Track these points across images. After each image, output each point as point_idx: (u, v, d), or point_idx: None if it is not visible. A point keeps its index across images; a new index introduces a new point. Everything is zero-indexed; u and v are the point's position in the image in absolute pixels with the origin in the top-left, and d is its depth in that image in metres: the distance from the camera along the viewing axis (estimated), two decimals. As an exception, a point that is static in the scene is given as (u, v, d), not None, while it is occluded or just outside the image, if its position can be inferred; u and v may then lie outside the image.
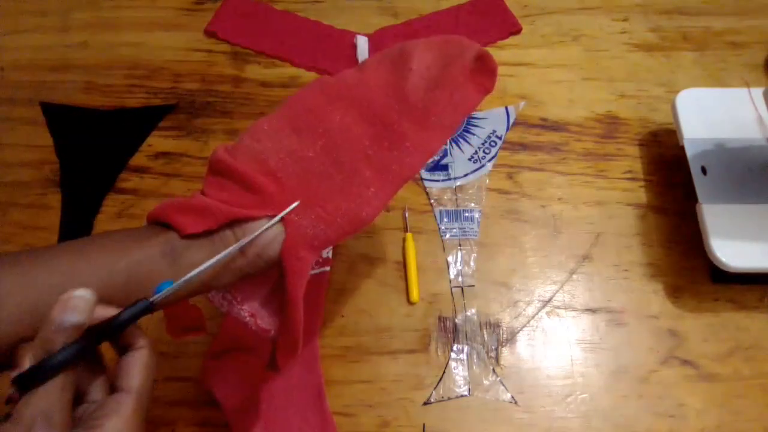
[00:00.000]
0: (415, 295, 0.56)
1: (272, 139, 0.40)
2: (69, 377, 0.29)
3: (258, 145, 0.39)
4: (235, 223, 0.38)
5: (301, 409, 0.51)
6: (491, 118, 0.65)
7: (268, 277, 0.41)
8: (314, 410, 0.51)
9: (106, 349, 0.33)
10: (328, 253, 0.56)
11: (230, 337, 0.54)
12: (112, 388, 0.31)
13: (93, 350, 0.30)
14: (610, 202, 0.61)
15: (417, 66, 0.41)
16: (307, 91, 0.42)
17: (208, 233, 0.37)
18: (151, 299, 0.32)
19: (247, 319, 0.41)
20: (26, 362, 0.29)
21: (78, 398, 0.31)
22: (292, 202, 0.38)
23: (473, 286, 0.57)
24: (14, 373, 0.29)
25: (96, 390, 0.32)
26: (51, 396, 0.28)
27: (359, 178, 0.39)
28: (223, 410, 0.51)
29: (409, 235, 0.58)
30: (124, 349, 0.32)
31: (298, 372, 0.53)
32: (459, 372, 0.53)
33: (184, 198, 0.38)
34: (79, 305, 0.29)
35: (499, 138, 0.64)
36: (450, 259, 0.58)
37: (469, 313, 0.56)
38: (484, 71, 0.43)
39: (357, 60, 0.68)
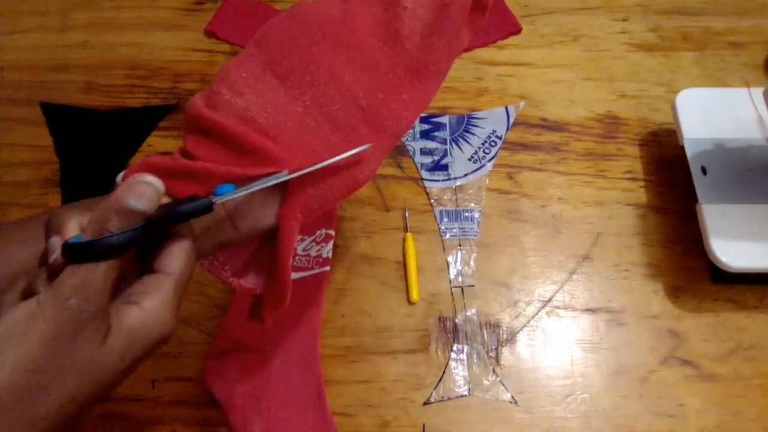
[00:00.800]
0: (415, 295, 0.56)
1: (255, 92, 0.36)
2: (118, 262, 0.28)
3: (240, 101, 0.35)
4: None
5: (301, 409, 0.51)
6: (491, 118, 0.65)
7: (251, 240, 0.38)
8: (314, 410, 0.51)
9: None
10: (328, 253, 0.56)
11: (230, 337, 0.54)
12: (152, 270, 0.30)
13: (146, 239, 0.29)
14: (610, 202, 0.61)
15: (412, 4, 0.37)
16: (283, 22, 0.37)
17: None
18: (213, 199, 0.30)
19: (230, 279, 0.38)
20: (70, 230, 0.28)
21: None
22: (293, 162, 0.34)
23: (473, 286, 0.57)
24: (56, 238, 0.28)
25: (133, 275, 0.31)
26: (97, 274, 0.27)
27: (355, 135, 0.36)
28: (223, 410, 0.51)
29: (409, 235, 0.58)
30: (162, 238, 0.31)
31: (298, 372, 0.53)
32: (459, 372, 0.53)
33: (163, 158, 0.33)
34: (147, 192, 0.28)
35: (499, 138, 0.64)
36: (450, 259, 0.58)
37: (469, 313, 0.56)
38: (478, 8, 0.39)
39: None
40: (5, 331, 0.26)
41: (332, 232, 0.53)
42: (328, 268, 0.55)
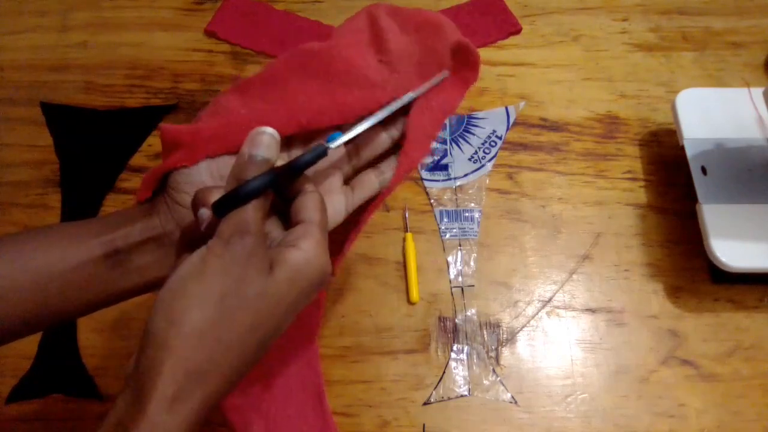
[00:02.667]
0: (415, 295, 0.56)
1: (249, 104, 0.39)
2: (261, 202, 0.31)
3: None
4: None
5: (301, 409, 0.51)
6: (491, 118, 0.65)
7: None
8: (314, 410, 0.51)
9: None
10: None
11: None
12: (293, 224, 0.33)
13: (277, 189, 0.33)
14: (610, 202, 0.61)
15: (392, 59, 0.40)
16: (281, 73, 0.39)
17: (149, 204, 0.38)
18: (326, 145, 0.34)
19: None
20: (212, 198, 0.31)
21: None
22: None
23: (473, 286, 0.57)
24: (203, 209, 0.32)
25: (275, 231, 0.34)
26: (246, 213, 0.30)
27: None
28: (223, 410, 0.51)
29: (409, 235, 0.58)
30: (293, 198, 0.34)
31: (298, 372, 0.53)
32: (459, 372, 0.53)
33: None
34: (265, 141, 0.32)
35: (499, 138, 0.64)
36: (450, 259, 0.58)
37: (469, 313, 0.56)
38: (466, 64, 0.40)
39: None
40: (186, 272, 0.30)
41: None
42: None
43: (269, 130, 0.32)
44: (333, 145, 0.34)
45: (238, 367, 0.30)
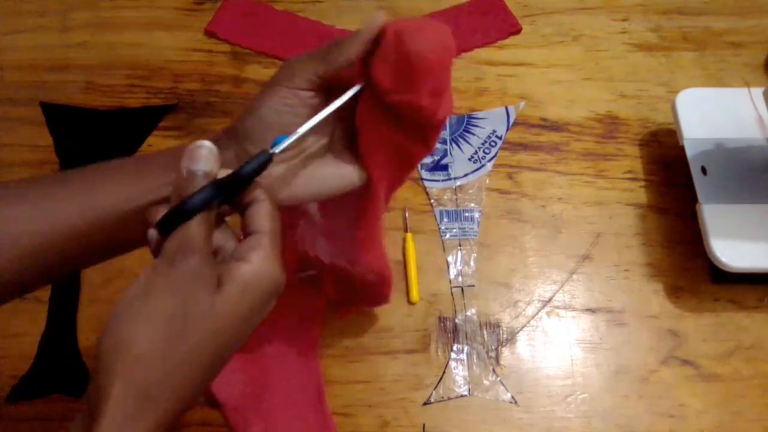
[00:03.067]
0: (415, 295, 0.56)
1: None
2: (205, 217, 0.31)
3: None
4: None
5: (301, 410, 0.52)
6: (491, 118, 0.65)
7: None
8: (314, 411, 0.51)
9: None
10: None
11: None
12: (245, 235, 0.33)
13: (223, 201, 0.32)
14: (610, 202, 0.61)
15: None
16: None
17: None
18: (270, 151, 0.33)
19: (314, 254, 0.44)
20: (157, 217, 0.31)
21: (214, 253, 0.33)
22: None
23: (473, 286, 0.57)
24: (151, 230, 0.32)
25: (229, 243, 0.34)
26: (190, 230, 0.30)
27: None
28: (223, 410, 0.51)
29: (409, 235, 0.58)
30: (244, 210, 0.34)
31: (298, 373, 0.53)
32: (459, 372, 0.53)
33: None
34: (203, 154, 0.32)
35: (499, 138, 0.64)
36: (450, 259, 0.58)
37: (469, 313, 0.56)
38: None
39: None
40: (132, 294, 0.30)
41: None
42: None
43: (206, 143, 0.32)
44: (278, 149, 0.33)
45: (191, 385, 0.30)
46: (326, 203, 0.45)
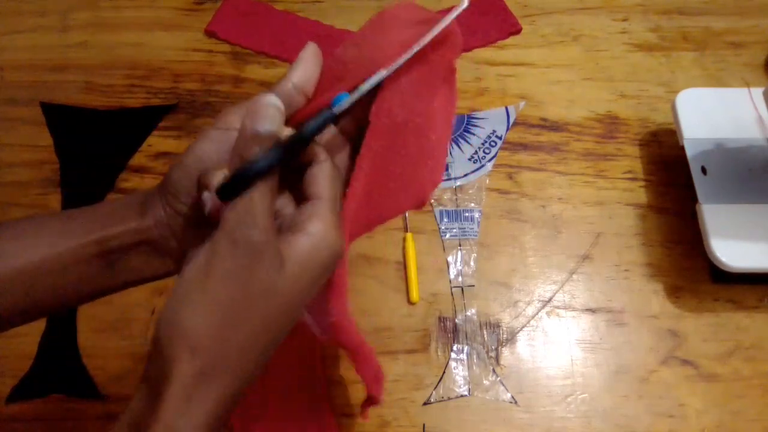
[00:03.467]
0: (415, 295, 0.56)
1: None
2: (269, 184, 0.29)
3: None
4: None
5: (301, 410, 0.52)
6: (491, 118, 0.65)
7: None
8: (315, 411, 0.51)
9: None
10: None
11: None
12: (304, 199, 0.32)
13: (285, 164, 0.30)
14: (610, 202, 0.61)
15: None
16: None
17: None
18: (333, 110, 0.31)
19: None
20: (217, 179, 0.30)
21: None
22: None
23: (473, 286, 0.57)
24: (206, 193, 0.30)
25: (287, 207, 0.33)
26: (253, 200, 0.28)
27: None
28: None
29: (409, 234, 0.58)
30: (304, 168, 0.33)
31: (298, 374, 0.53)
32: (459, 372, 0.53)
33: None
34: (269, 113, 0.30)
35: (499, 138, 0.64)
36: (450, 259, 0.58)
37: (469, 313, 0.56)
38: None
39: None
40: (191, 276, 0.29)
41: None
42: None
43: (272, 99, 0.30)
44: (339, 109, 0.31)
45: (250, 367, 0.30)
46: None
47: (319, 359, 0.53)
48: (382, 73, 0.33)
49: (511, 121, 0.65)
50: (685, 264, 0.58)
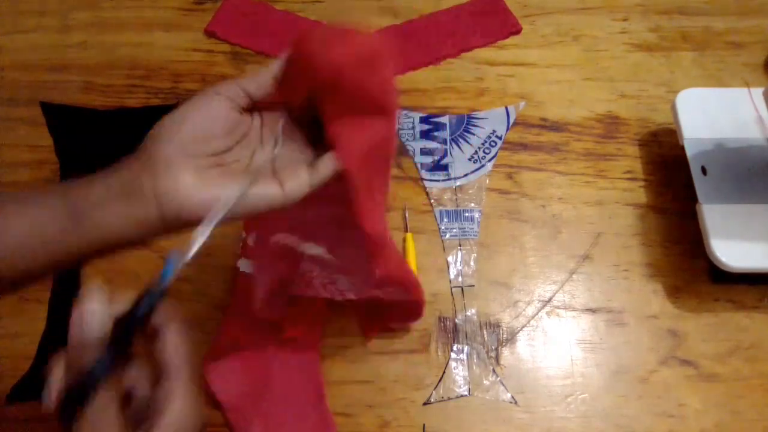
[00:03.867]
0: (415, 295, 0.56)
1: None
2: (110, 388, 0.29)
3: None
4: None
5: (301, 410, 0.52)
6: (491, 118, 0.65)
7: None
8: (314, 410, 0.52)
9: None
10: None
11: (230, 337, 0.54)
12: (155, 374, 0.32)
13: (124, 349, 0.30)
14: (610, 202, 0.61)
15: None
16: None
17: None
18: (161, 287, 0.31)
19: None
20: (55, 385, 0.30)
21: (126, 396, 0.31)
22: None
23: (473, 286, 0.57)
24: (46, 396, 0.29)
25: (142, 384, 0.32)
26: (96, 415, 0.28)
27: None
28: (223, 410, 0.51)
29: (409, 234, 0.58)
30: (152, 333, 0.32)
31: (298, 373, 0.53)
32: (459, 372, 0.53)
33: None
34: (95, 319, 0.30)
35: (499, 138, 0.64)
36: (450, 259, 0.58)
37: (469, 313, 0.56)
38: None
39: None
40: None
41: None
42: None
43: (94, 303, 0.30)
44: (167, 280, 0.31)
45: None
46: (330, 239, 0.46)
47: (319, 360, 0.53)
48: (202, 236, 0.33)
49: (511, 121, 0.65)
50: (685, 264, 0.58)
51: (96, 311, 0.30)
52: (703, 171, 0.57)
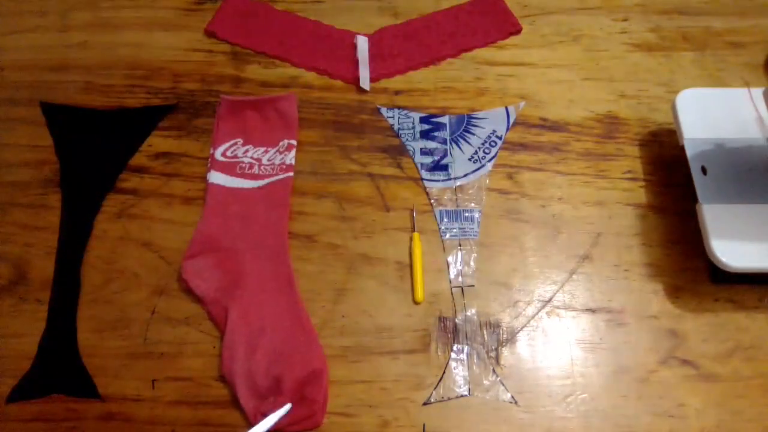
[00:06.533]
0: (420, 294, 0.56)
1: None
2: None
3: None
4: None
5: (273, 294, 0.56)
6: (491, 118, 0.65)
7: None
8: (285, 294, 0.56)
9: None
10: (291, 160, 0.62)
11: (204, 238, 0.58)
12: None
13: None
14: (610, 202, 0.61)
15: None
16: None
17: None
18: None
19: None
20: None
21: None
22: None
23: (473, 286, 0.57)
24: None
25: None
26: None
27: None
28: (204, 305, 0.56)
29: (416, 234, 0.58)
30: None
31: (269, 265, 0.57)
32: (459, 372, 0.53)
33: None
34: None
35: (499, 138, 0.64)
36: (450, 259, 0.58)
37: (469, 313, 0.56)
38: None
39: (357, 60, 0.68)
40: None
41: (294, 142, 0.63)
42: (291, 173, 0.62)
43: None
44: None
45: None
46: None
47: (288, 253, 0.58)
48: None
49: (511, 121, 0.65)
50: (685, 264, 0.58)
51: None
52: (703, 171, 0.57)
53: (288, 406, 0.50)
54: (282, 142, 0.62)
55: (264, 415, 0.50)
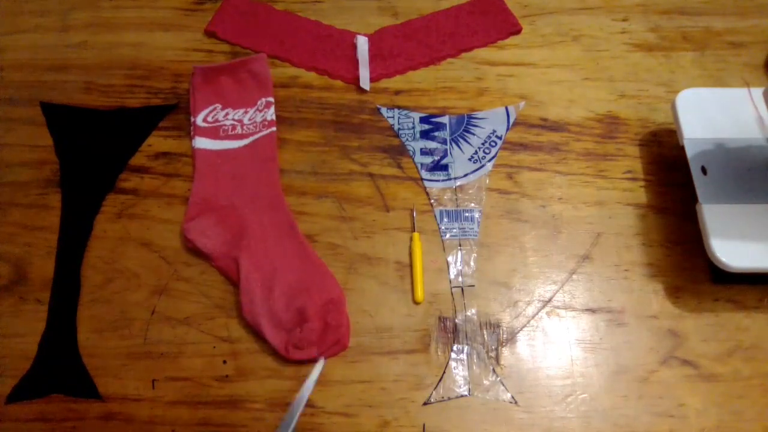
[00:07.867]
0: (420, 294, 0.56)
1: None
2: None
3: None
4: None
5: (277, 239, 0.58)
6: (491, 118, 0.65)
7: None
8: (289, 238, 0.58)
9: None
10: (271, 116, 0.64)
11: (199, 201, 0.60)
12: None
13: None
14: (610, 202, 0.61)
15: None
16: None
17: None
18: None
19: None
20: None
21: None
22: None
23: (473, 286, 0.57)
24: None
25: None
26: None
27: None
28: (213, 262, 0.57)
29: (416, 234, 0.58)
30: None
31: (268, 214, 0.59)
32: (459, 372, 0.53)
33: None
34: None
35: (499, 138, 0.64)
36: (450, 259, 0.58)
37: (469, 313, 0.56)
38: None
39: (357, 60, 0.68)
40: None
41: (271, 99, 0.65)
42: (274, 128, 0.64)
43: None
44: None
45: None
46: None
47: (284, 201, 0.60)
48: None
49: (511, 121, 0.65)
50: (685, 264, 0.58)
51: None
52: (703, 171, 0.57)
53: (323, 361, 0.51)
54: (260, 101, 0.64)
55: (295, 347, 0.52)
